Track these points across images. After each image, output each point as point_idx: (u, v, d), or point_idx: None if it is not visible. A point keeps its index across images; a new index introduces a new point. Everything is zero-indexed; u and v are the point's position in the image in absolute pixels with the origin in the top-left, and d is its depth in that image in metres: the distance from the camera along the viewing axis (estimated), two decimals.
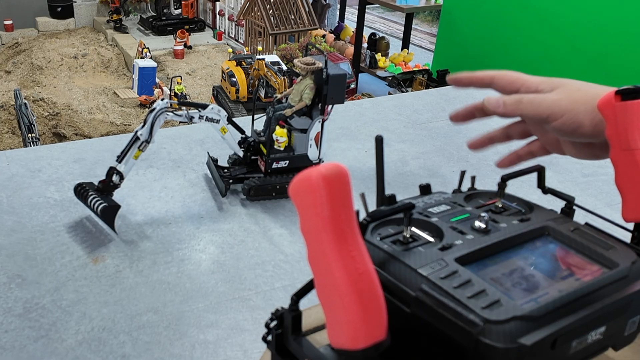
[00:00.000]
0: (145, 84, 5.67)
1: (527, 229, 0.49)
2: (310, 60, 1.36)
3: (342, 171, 0.37)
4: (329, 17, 7.31)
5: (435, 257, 0.44)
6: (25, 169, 1.51)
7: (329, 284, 0.39)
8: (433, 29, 8.90)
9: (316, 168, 0.37)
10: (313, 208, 0.37)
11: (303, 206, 0.38)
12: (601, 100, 0.56)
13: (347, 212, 0.38)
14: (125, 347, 0.99)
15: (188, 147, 1.67)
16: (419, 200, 0.53)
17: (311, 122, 1.40)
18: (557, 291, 0.42)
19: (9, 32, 7.06)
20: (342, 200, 0.37)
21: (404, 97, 2.22)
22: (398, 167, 1.66)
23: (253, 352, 0.99)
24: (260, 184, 1.40)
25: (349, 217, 0.38)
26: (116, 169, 1.27)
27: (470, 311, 0.39)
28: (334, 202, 0.37)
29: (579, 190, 1.60)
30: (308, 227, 0.39)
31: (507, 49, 4.58)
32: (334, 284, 0.38)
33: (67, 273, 1.15)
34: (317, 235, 0.38)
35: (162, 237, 1.28)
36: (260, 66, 4.89)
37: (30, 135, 4.40)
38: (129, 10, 7.45)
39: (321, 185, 0.37)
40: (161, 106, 1.28)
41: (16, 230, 1.27)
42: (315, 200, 0.37)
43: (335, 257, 0.38)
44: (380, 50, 6.13)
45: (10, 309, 1.06)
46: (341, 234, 0.38)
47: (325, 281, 0.39)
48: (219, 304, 1.10)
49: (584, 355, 0.43)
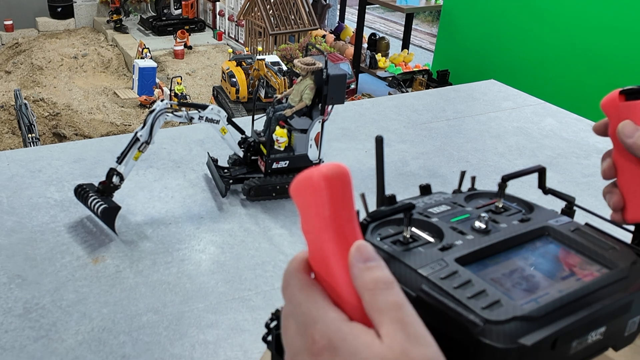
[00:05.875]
0: (146, 84, 5.67)
1: (527, 229, 0.49)
2: (311, 60, 1.36)
3: (343, 171, 0.37)
4: (329, 17, 7.31)
5: (435, 257, 0.44)
6: (25, 169, 1.51)
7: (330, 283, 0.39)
8: (433, 29, 8.90)
9: (317, 168, 0.37)
10: (314, 208, 0.37)
11: (304, 206, 0.38)
12: (604, 100, 0.55)
13: (348, 212, 0.38)
14: (125, 347, 0.99)
15: (188, 147, 1.67)
16: (419, 201, 0.53)
17: (311, 122, 1.40)
18: (557, 291, 0.42)
19: (9, 32, 7.06)
20: (343, 200, 0.37)
21: (404, 98, 2.22)
22: (398, 167, 1.66)
23: (253, 352, 0.99)
24: (260, 184, 1.40)
25: (350, 217, 0.38)
26: (116, 170, 1.27)
27: (470, 311, 0.39)
28: (335, 201, 0.37)
29: (579, 191, 1.60)
30: (309, 227, 0.38)
31: (507, 49, 4.57)
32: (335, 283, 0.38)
33: (67, 273, 1.15)
34: (318, 235, 0.38)
35: (162, 237, 1.28)
36: (261, 66, 4.89)
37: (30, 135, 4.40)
38: (129, 10, 7.45)
39: (322, 185, 0.36)
40: (161, 107, 1.28)
41: (16, 231, 1.27)
42: (316, 200, 0.37)
43: (336, 257, 0.38)
44: (381, 51, 6.13)
45: (10, 309, 1.06)
46: (342, 233, 0.38)
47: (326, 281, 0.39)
48: (219, 304, 1.10)
49: (584, 355, 0.43)
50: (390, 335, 0.35)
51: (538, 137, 1.94)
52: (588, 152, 1.85)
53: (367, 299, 0.36)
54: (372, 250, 0.38)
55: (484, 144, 1.86)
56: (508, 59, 4.56)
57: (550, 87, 4.09)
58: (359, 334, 0.35)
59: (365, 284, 0.37)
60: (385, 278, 0.37)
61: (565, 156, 1.81)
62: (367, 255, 0.38)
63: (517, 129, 1.99)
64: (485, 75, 2.99)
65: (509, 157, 1.78)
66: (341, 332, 0.36)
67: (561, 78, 4.12)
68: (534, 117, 2.09)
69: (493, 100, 2.23)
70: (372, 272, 0.37)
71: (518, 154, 1.81)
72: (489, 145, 1.85)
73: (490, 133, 1.94)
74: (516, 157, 1.79)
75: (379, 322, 0.36)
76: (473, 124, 2.00)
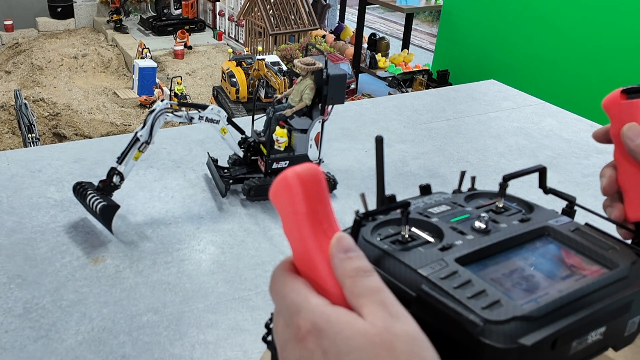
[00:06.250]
0: (146, 84, 5.67)
1: (527, 229, 0.49)
2: (311, 60, 1.36)
3: (315, 169, 0.39)
4: (329, 17, 7.31)
5: (435, 257, 0.44)
6: (25, 169, 1.51)
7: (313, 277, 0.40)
8: (433, 29, 8.90)
9: (291, 168, 0.39)
10: (291, 206, 0.39)
11: (282, 207, 0.39)
12: (606, 99, 0.55)
13: (325, 208, 0.39)
14: (125, 347, 0.99)
15: (188, 147, 1.67)
16: (419, 201, 0.53)
17: (311, 122, 1.40)
18: (557, 291, 0.42)
19: (9, 32, 7.06)
20: (318, 196, 0.39)
21: (404, 98, 2.22)
22: (398, 167, 1.66)
23: (253, 353, 0.99)
24: (261, 184, 1.40)
25: (327, 214, 0.40)
26: (117, 170, 1.27)
27: (470, 311, 0.39)
28: (310, 198, 0.38)
29: (580, 191, 1.60)
30: (289, 227, 0.40)
31: (507, 49, 4.57)
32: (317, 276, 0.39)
33: (67, 273, 1.15)
34: (298, 233, 0.39)
35: (162, 237, 1.28)
36: (261, 66, 4.89)
37: (30, 135, 4.40)
38: (129, 10, 7.45)
39: (296, 182, 0.38)
40: (161, 107, 1.28)
41: (16, 231, 1.27)
42: (292, 198, 0.38)
43: (317, 251, 0.39)
44: (380, 51, 6.13)
45: (10, 309, 1.06)
46: (321, 229, 0.39)
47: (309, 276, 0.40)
48: (219, 304, 1.10)
49: (584, 355, 0.43)
50: (372, 313, 0.36)
51: (538, 137, 1.94)
52: (588, 152, 1.85)
53: (348, 286, 0.38)
54: (351, 241, 0.39)
55: (484, 144, 1.86)
56: (508, 59, 4.57)
57: (550, 87, 4.09)
58: (342, 314, 0.37)
59: (346, 272, 0.38)
60: (365, 267, 0.39)
61: (565, 156, 1.81)
62: (347, 246, 0.39)
63: (517, 129, 1.99)
64: (485, 75, 2.99)
65: (509, 157, 1.78)
66: (324, 315, 0.37)
67: (561, 78, 4.13)
68: (534, 117, 2.09)
69: (493, 100, 2.23)
70: (352, 261, 0.39)
71: (518, 154, 1.81)
72: (489, 145, 1.85)
73: (490, 133, 1.94)
74: (516, 157, 1.79)
75: (361, 305, 0.37)
76: (473, 124, 2.00)
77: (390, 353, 0.34)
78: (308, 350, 0.37)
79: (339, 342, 0.35)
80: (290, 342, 0.38)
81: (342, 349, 0.35)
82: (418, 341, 0.36)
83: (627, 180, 0.55)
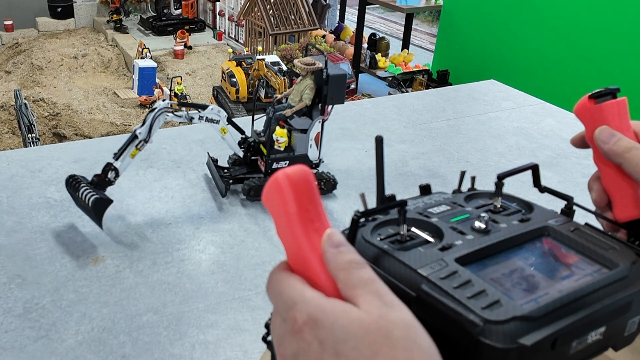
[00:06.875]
0: (146, 84, 5.67)
1: (527, 229, 0.49)
2: (311, 60, 1.36)
3: (305, 170, 0.40)
4: (329, 17, 7.31)
5: (435, 257, 0.44)
6: (25, 169, 1.51)
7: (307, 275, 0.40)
8: (433, 29, 8.90)
9: (281, 170, 0.40)
10: (282, 207, 0.39)
11: (274, 208, 0.40)
12: (577, 106, 0.57)
13: (316, 208, 0.40)
14: (125, 348, 0.99)
15: (188, 147, 1.67)
16: (418, 201, 0.53)
17: (311, 122, 1.40)
18: (557, 291, 0.42)
19: (9, 32, 7.06)
20: (308, 196, 0.40)
21: (404, 98, 2.23)
22: (398, 167, 1.66)
23: (253, 353, 0.99)
24: (260, 184, 1.40)
25: (318, 213, 0.40)
26: (112, 165, 1.26)
27: (470, 311, 0.39)
28: (301, 197, 0.39)
29: (579, 191, 1.59)
30: (282, 228, 0.40)
31: (507, 49, 4.57)
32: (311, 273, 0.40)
33: (67, 273, 1.15)
34: (291, 232, 0.40)
35: (162, 237, 1.28)
36: (260, 66, 4.89)
37: (30, 135, 4.40)
38: (129, 10, 7.45)
39: (286, 183, 0.39)
40: (161, 107, 1.28)
41: (16, 230, 1.27)
42: (283, 199, 0.39)
43: (309, 249, 0.40)
44: (380, 51, 6.13)
45: (10, 309, 1.06)
46: (312, 227, 0.40)
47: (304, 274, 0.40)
48: (219, 304, 1.10)
49: (584, 355, 0.43)
50: (367, 302, 0.37)
51: (538, 137, 1.94)
52: (588, 152, 1.83)
53: (342, 278, 0.39)
54: (342, 237, 0.40)
55: (484, 144, 1.86)
56: (508, 59, 4.56)
57: (550, 87, 4.09)
58: (337, 304, 0.37)
59: (339, 265, 0.39)
60: (357, 259, 0.39)
61: (565, 156, 1.81)
62: (338, 241, 0.40)
63: (517, 129, 1.99)
64: (485, 75, 2.99)
65: (509, 157, 1.78)
66: (320, 306, 0.37)
67: (561, 78, 4.12)
68: (534, 117, 2.09)
69: (493, 100, 2.23)
70: (344, 255, 0.39)
71: (518, 154, 1.81)
72: (489, 145, 1.85)
73: (490, 133, 1.94)
74: (516, 157, 1.79)
75: (355, 295, 0.38)
76: (473, 124, 2.00)
77: (386, 339, 0.35)
78: (305, 342, 0.37)
79: (335, 331, 0.36)
80: (287, 335, 0.38)
81: (339, 337, 0.36)
82: (413, 328, 0.36)
83: (609, 183, 0.57)
